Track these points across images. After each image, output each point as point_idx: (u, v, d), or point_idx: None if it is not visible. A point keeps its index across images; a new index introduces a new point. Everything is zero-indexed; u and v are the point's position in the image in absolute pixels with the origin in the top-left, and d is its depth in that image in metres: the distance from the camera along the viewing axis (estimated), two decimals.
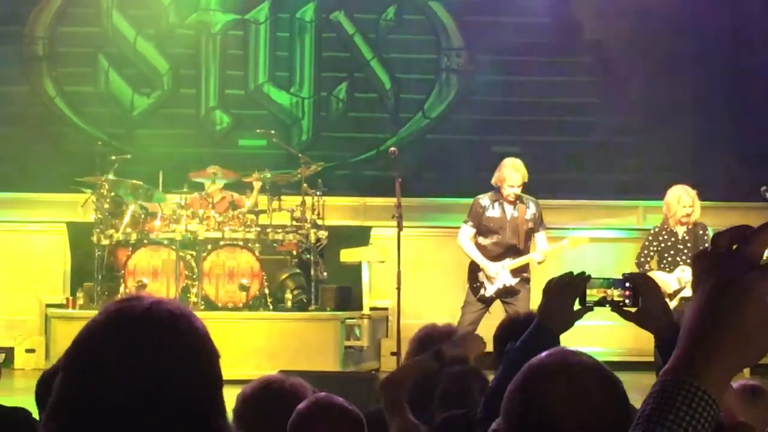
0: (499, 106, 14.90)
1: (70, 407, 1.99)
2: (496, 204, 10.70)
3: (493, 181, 10.72)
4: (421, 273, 11.29)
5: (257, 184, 12.86)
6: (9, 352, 12.14)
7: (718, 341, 1.57)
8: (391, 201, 11.34)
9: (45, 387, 4.17)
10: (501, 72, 14.90)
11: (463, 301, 10.82)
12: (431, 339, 5.32)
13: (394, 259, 11.19)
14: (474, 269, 10.77)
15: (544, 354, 2.58)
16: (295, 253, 13.15)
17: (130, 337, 2.01)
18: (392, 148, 11.90)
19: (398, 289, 11.02)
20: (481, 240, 10.76)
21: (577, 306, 3.46)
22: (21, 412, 4.20)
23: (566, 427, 2.44)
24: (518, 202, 10.69)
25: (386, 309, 13.31)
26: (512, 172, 10.56)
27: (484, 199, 10.76)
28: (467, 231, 10.81)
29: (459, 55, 15.48)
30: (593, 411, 2.46)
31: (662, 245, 10.41)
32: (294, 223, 12.82)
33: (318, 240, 12.78)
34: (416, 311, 12.32)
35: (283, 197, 13.03)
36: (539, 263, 10.68)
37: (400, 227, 11.14)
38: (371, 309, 13.48)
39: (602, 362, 2.57)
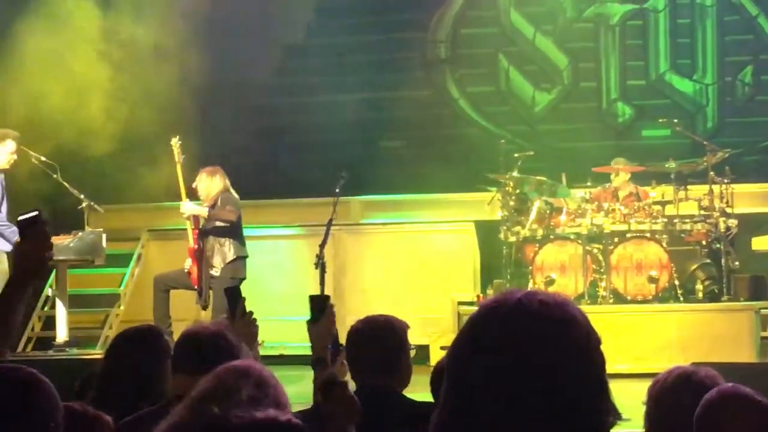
0: None
1: (454, 397, 2.07)
2: None
3: None
4: None
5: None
6: (424, 349, 12.46)
7: None
8: None
9: (437, 376, 4.39)
10: None
11: None
12: None
13: None
14: None
15: None
16: (704, 242, 12.86)
17: (502, 329, 2.05)
18: None
19: None
20: None
21: None
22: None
23: None
24: None
25: None
26: None
27: None
28: None
29: None
30: None
31: None
32: (702, 212, 12.56)
33: (728, 228, 12.44)
34: None
35: (689, 186, 12.76)
36: None
37: None
38: None
39: None
